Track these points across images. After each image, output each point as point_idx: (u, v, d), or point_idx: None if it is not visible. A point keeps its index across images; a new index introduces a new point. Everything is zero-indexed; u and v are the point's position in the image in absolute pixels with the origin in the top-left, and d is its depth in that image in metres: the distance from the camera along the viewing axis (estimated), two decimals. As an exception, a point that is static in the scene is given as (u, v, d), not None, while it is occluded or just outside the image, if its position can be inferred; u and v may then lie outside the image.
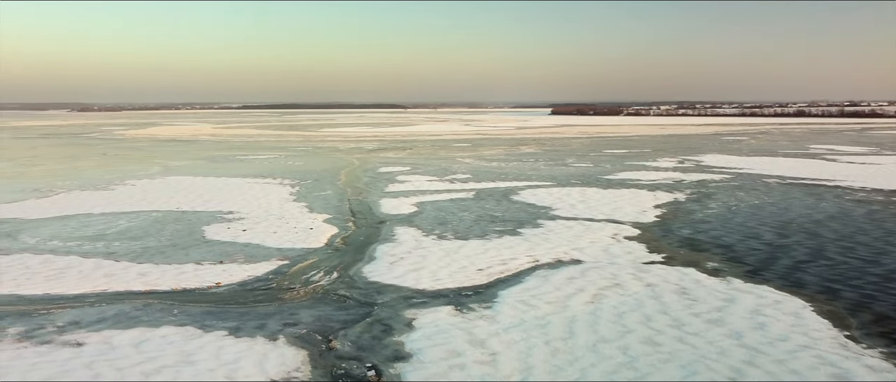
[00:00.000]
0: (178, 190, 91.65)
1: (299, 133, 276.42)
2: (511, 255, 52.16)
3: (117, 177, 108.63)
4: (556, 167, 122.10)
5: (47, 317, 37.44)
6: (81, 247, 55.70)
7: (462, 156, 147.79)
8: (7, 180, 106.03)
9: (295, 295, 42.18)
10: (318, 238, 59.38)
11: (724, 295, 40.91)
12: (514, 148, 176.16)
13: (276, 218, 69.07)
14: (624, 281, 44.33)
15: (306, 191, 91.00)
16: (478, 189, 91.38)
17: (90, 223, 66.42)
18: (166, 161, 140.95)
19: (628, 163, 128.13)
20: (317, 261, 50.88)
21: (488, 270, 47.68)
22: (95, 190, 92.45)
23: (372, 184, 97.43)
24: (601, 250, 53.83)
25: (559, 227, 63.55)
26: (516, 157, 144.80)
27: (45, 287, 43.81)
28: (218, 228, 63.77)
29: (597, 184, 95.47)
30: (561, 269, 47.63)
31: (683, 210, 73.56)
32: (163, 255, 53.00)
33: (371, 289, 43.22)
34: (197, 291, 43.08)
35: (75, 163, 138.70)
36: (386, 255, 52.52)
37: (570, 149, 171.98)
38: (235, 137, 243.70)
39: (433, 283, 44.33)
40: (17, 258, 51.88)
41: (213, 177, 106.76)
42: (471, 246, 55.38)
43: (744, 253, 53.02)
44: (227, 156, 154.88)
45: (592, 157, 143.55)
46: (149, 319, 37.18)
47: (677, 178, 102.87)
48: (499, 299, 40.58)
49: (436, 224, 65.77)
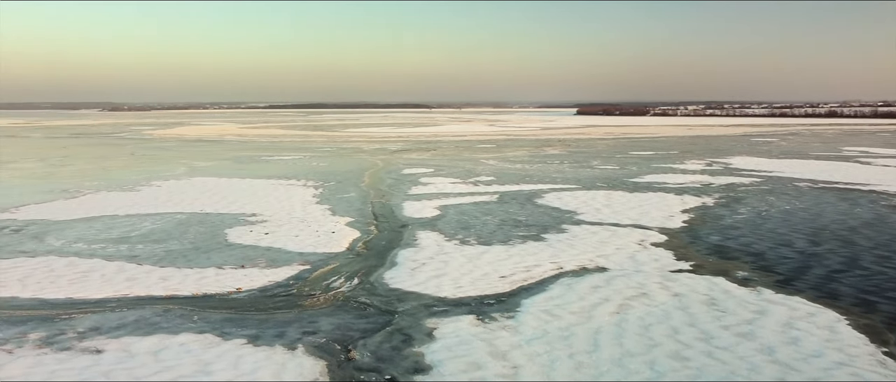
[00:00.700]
0: (203, 191, 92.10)
1: (324, 133, 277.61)
2: (535, 262, 51.27)
3: (144, 177, 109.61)
4: (582, 169, 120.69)
5: (69, 322, 37.43)
6: (105, 250, 55.96)
7: (486, 158, 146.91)
8: (37, 180, 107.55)
9: (315, 301, 41.76)
10: (339, 242, 59.02)
11: (754, 307, 39.62)
12: (538, 149, 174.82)
13: (298, 221, 68.89)
14: (650, 290, 43.21)
15: (330, 193, 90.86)
16: (501, 192, 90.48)
17: (115, 225, 66.82)
18: (192, 161, 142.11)
19: (655, 166, 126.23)
20: (338, 267, 50.47)
21: (511, 277, 46.85)
22: (122, 190, 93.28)
23: (395, 187, 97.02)
24: (627, 257, 52.69)
25: (584, 233, 62.46)
26: (541, 159, 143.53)
27: (68, 291, 43.93)
28: (240, 231, 63.73)
29: (623, 188, 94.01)
30: (585, 277, 46.63)
31: (712, 215, 71.96)
32: (185, 259, 53.00)
33: (392, 297, 42.65)
34: (217, 297, 42.87)
35: (104, 163, 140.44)
36: (408, 261, 51.93)
37: (595, 150, 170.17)
38: (261, 138, 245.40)
39: (455, 291, 43.63)
40: (42, 260, 52.23)
41: (238, 179, 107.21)
42: (494, 252, 54.58)
43: (775, 261, 51.50)
44: (251, 156, 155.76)
45: (618, 159, 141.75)
46: (168, 326, 36.99)
47: (705, 182, 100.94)
48: (522, 308, 39.74)
49: (458, 228, 65.06)
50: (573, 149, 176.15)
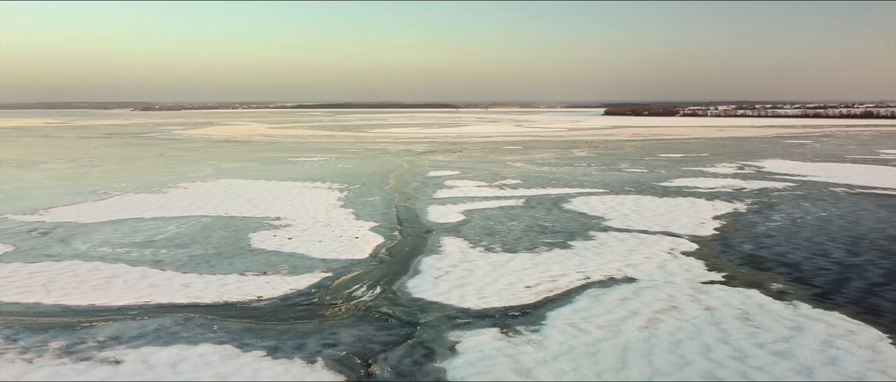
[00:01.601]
0: (229, 193, 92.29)
1: (351, 134, 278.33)
2: (561, 271, 50.06)
3: (171, 179, 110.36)
4: (609, 172, 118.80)
5: (89, 331, 37.22)
6: (130, 254, 55.99)
7: (512, 160, 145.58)
8: (68, 181, 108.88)
9: (336, 311, 41.09)
10: (363, 248, 58.38)
11: (791, 323, 38.00)
12: (565, 151, 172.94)
13: (322, 226, 68.45)
14: (681, 303, 41.78)
15: (354, 196, 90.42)
16: (528, 196, 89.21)
17: (140, 228, 67.00)
18: (219, 162, 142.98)
19: (685, 169, 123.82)
20: (360, 274, 49.79)
21: (536, 288, 45.72)
22: (149, 192, 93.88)
23: (420, 190, 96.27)
24: (656, 267, 51.21)
25: (612, 240, 61.04)
26: (568, 161, 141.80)
27: (91, 297, 43.84)
28: (264, 236, 63.44)
29: (652, 192, 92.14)
30: (613, 288, 45.32)
31: (744, 222, 69.96)
32: (208, 264, 52.76)
33: (414, 307, 41.81)
34: (238, 305, 42.42)
35: (133, 163, 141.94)
36: (431, 269, 51.07)
37: (623, 152, 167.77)
38: (288, 138, 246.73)
39: (479, 301, 42.65)
40: (67, 265, 52.38)
41: (264, 180, 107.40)
42: (519, 260, 53.46)
43: (811, 273, 49.63)
44: (278, 157, 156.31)
45: (647, 162, 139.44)
46: (188, 335, 36.58)
47: (737, 186, 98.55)
48: (547, 321, 38.62)
49: (483, 234, 64.04)
50: (601, 151, 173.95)
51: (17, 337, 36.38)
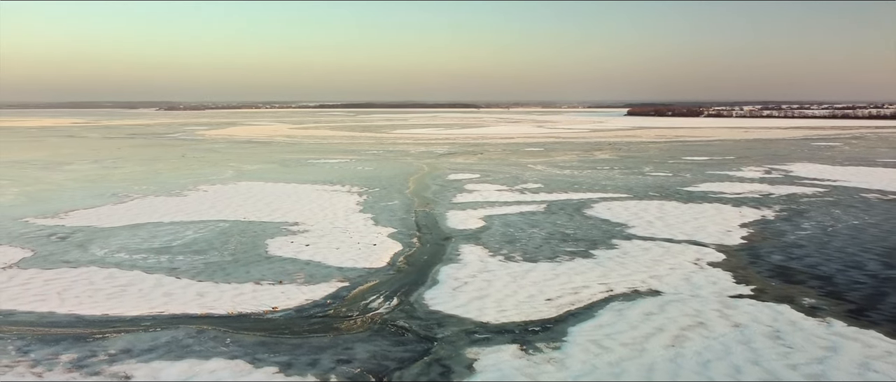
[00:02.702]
0: (248, 197, 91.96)
1: (371, 135, 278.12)
2: (583, 282, 48.64)
3: (191, 181, 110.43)
4: (633, 176, 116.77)
5: (101, 343, 36.61)
6: (146, 261, 55.56)
7: (533, 163, 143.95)
8: (90, 183, 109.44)
9: (351, 324, 40.10)
10: (380, 256, 57.42)
11: (825, 342, 36.28)
12: (587, 153, 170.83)
13: (340, 232, 67.64)
14: (708, 319, 40.19)
15: (373, 200, 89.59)
16: (549, 201, 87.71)
17: (158, 233, 66.68)
18: (240, 164, 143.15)
19: (710, 173, 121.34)
20: (377, 284, 48.80)
21: (558, 300, 44.37)
22: (169, 195, 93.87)
23: (440, 194, 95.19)
24: (682, 279, 49.58)
25: (635, 249, 59.43)
26: (590, 164, 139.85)
27: (105, 306, 43.33)
28: (281, 242, 62.75)
29: (676, 198, 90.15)
30: (637, 302, 43.83)
31: (773, 230, 67.90)
32: (223, 272, 52.12)
33: (431, 320, 40.70)
34: (252, 316, 41.63)
35: (154, 165, 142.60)
36: (449, 279, 49.93)
37: (647, 155, 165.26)
38: (309, 139, 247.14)
39: (498, 315, 41.42)
40: (83, 272, 52.04)
41: (283, 183, 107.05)
42: (540, 270, 52.12)
43: (845, 286, 47.68)
44: (298, 159, 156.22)
45: (671, 165, 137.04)
46: (200, 349, 35.82)
47: (764, 191, 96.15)
48: (568, 337, 37.29)
49: (503, 242, 62.77)
50: (624, 153, 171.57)
51: (29, 349, 35.89)
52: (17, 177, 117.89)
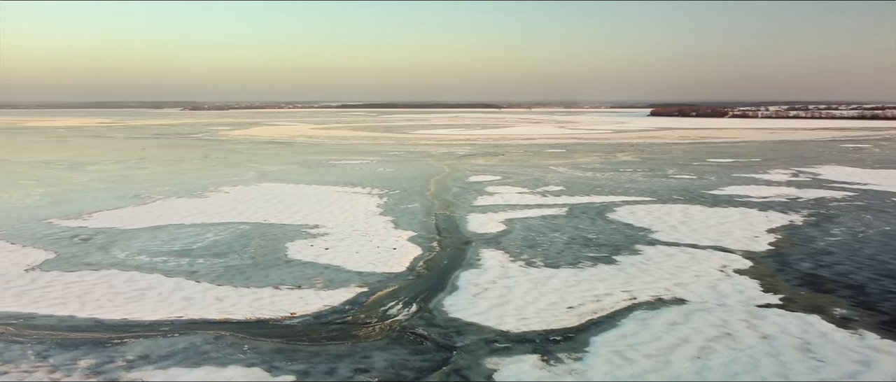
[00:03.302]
0: (269, 198, 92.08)
1: (393, 135, 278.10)
2: (605, 290, 47.72)
3: (213, 182, 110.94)
4: (656, 179, 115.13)
5: (119, 349, 36.51)
6: (166, 264, 55.62)
7: (555, 164, 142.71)
8: (114, 184, 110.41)
9: (370, 332, 39.63)
10: (400, 260, 56.93)
11: (857, 356, 35.06)
12: (610, 155, 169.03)
13: (360, 235, 67.29)
14: (735, 330, 39.10)
15: (393, 202, 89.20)
16: (571, 204, 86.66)
17: (179, 236, 66.83)
18: (262, 165, 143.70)
19: (735, 176, 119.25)
20: (396, 290, 48.29)
21: (580, 308, 43.53)
22: (191, 197, 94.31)
23: (460, 196, 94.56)
24: (707, 287, 48.43)
25: (659, 255, 58.30)
26: (612, 166, 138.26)
27: (124, 310, 43.34)
28: (301, 245, 62.54)
29: (701, 201, 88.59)
30: (662, 311, 42.83)
31: (801, 236, 66.30)
32: (243, 276, 51.96)
33: (451, 328, 40.08)
34: (270, 322, 41.35)
35: (177, 165, 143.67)
36: (469, 285, 49.28)
37: (670, 156, 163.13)
38: (331, 139, 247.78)
39: (518, 323, 40.69)
40: (104, 275, 52.19)
41: (304, 185, 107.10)
42: (561, 277, 51.27)
43: (878, 296, 46.23)
44: (319, 160, 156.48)
45: (695, 168, 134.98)
46: (217, 356, 35.56)
47: (792, 195, 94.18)
48: (590, 348, 36.47)
49: (524, 246, 61.97)
50: (647, 155, 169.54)
51: (48, 354, 35.90)
52: (43, 178, 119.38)
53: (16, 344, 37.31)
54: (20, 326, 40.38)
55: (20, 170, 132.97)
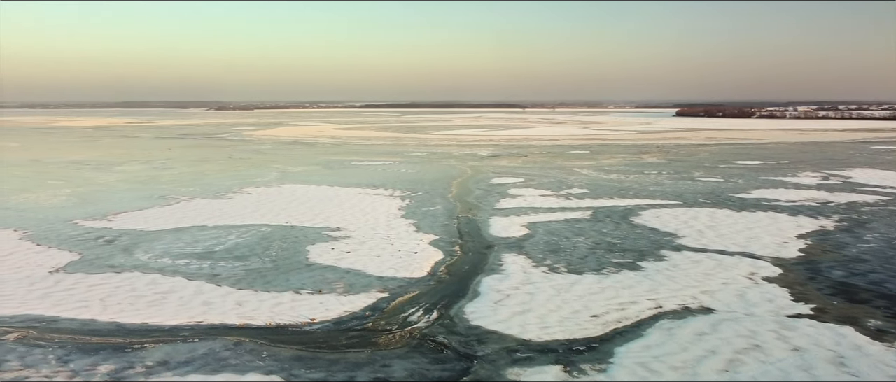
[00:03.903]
0: (291, 200, 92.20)
1: (416, 136, 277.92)
2: (630, 298, 46.75)
3: (237, 183, 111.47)
4: (682, 181, 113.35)
5: (139, 354, 36.46)
6: (188, 267, 55.70)
7: (579, 166, 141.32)
8: (139, 184, 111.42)
9: (390, 339, 39.15)
10: (421, 264, 56.43)
11: (894, 371, 33.79)
12: (635, 156, 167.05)
13: (381, 238, 66.94)
14: (765, 341, 37.96)
15: (415, 205, 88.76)
16: (595, 207, 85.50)
17: (201, 238, 67.00)
18: (285, 166, 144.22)
19: (763, 179, 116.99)
20: (417, 296, 47.79)
21: (604, 317, 42.65)
22: (214, 198, 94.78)
23: (483, 199, 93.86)
24: (735, 295, 47.23)
25: (685, 262, 57.09)
26: (637, 168, 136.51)
27: (145, 315, 43.37)
28: (322, 249, 62.33)
29: (728, 205, 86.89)
30: (688, 320, 41.79)
31: (833, 242, 64.60)
32: (263, 279, 51.83)
33: (472, 336, 39.46)
34: (290, 328, 41.07)
35: (202, 166, 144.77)
36: (491, 291, 48.61)
37: (696, 158, 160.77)
38: (354, 140, 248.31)
39: (541, 332, 39.94)
40: (127, 277, 52.39)
41: (326, 186, 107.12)
42: (585, 284, 50.38)
43: (914, 307, 44.66)
44: (342, 161, 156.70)
45: (722, 170, 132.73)
46: (237, 363, 35.33)
47: (822, 199, 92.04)
48: (615, 359, 35.62)
49: (547, 251, 61.11)
50: (672, 156, 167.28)
51: (69, 359, 35.95)
52: (70, 178, 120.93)
53: (38, 348, 37.44)
54: (42, 329, 40.57)
55: (49, 170, 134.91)
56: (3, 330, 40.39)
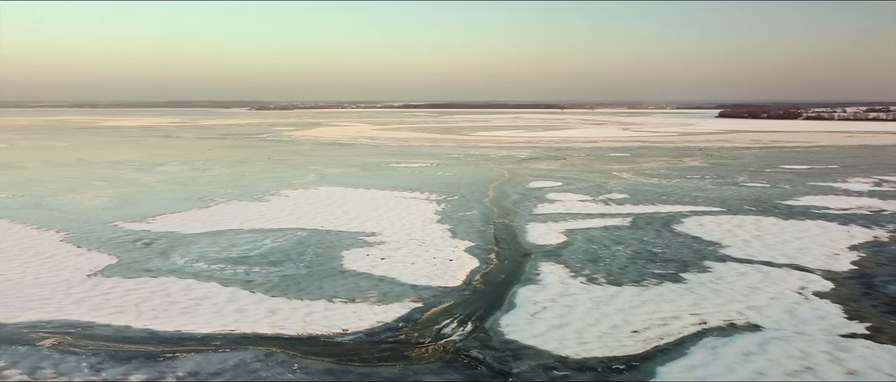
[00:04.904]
0: (328, 203, 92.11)
1: (453, 137, 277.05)
2: (672, 312, 45.00)
3: (274, 185, 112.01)
4: (725, 187, 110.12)
5: (170, 364, 36.21)
6: (223, 272, 55.64)
7: (618, 170, 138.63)
8: (179, 186, 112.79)
9: (422, 353, 38.23)
10: (456, 273, 55.40)
11: (959, 400, 31.57)
12: (676, 160, 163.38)
13: (416, 244, 66.13)
14: (817, 363, 35.96)
15: (451, 209, 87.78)
16: (635, 214, 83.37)
17: (237, 242, 67.07)
18: (323, 168, 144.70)
19: (811, 184, 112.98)
20: (451, 306, 46.78)
21: (645, 333, 41.04)
22: (251, 200, 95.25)
23: (520, 203, 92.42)
24: (784, 311, 45.09)
25: (730, 274, 54.92)
26: (679, 172, 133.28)
27: (178, 322, 43.24)
28: (357, 254, 61.77)
29: (774, 213, 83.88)
30: (734, 339, 39.92)
31: (888, 254, 61.62)
32: (297, 286, 51.42)
33: (507, 352, 38.29)
34: (322, 339, 40.45)
35: (241, 167, 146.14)
36: (527, 303, 47.32)
37: (741, 162, 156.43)
38: (391, 141, 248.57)
39: (579, 348, 38.55)
40: (162, 282, 52.50)
41: (363, 189, 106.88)
42: (625, 296, 48.73)
43: (979, 328, 41.98)
44: (379, 163, 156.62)
45: (768, 175, 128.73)
46: (267, 374, 34.81)
47: (876, 207, 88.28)
48: (656, 380, 34.04)
49: (586, 260, 59.51)
50: (715, 160, 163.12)
51: (102, 367, 35.89)
52: (113, 178, 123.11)
53: (72, 356, 37.50)
54: (77, 336, 40.70)
55: (93, 171, 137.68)
56: (39, 336, 40.65)
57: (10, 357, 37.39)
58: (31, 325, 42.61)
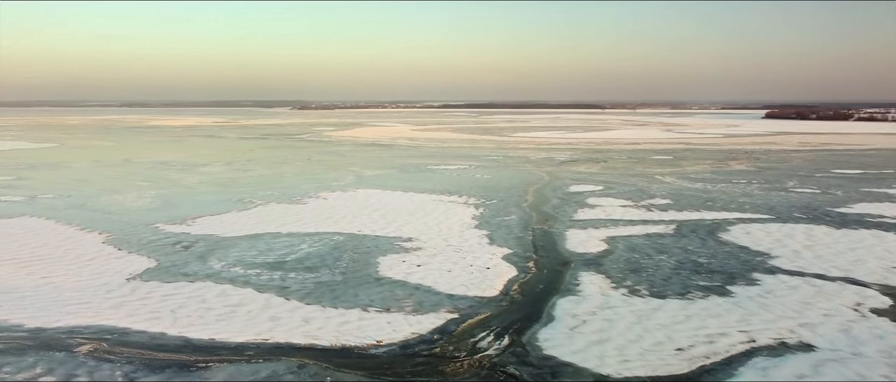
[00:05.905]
0: (365, 206, 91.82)
1: (492, 138, 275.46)
2: (719, 328, 43.11)
3: (313, 187, 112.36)
4: (773, 192, 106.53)
5: (203, 374, 35.95)
6: (259, 278, 55.51)
7: (661, 173, 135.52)
8: (220, 187, 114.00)
9: (457, 368, 37.20)
10: (493, 282, 54.25)
11: None
12: (721, 163, 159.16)
13: (453, 251, 65.17)
14: (877, 389, 33.84)
15: (490, 214, 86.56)
16: (678, 221, 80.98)
17: (274, 246, 67.04)
18: (361, 169, 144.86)
19: (865, 190, 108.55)
20: (488, 318, 45.66)
21: (690, 351, 39.30)
22: (290, 202, 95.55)
23: (560, 208, 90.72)
24: (839, 330, 42.81)
25: (780, 287, 52.59)
26: (724, 176, 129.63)
27: (213, 329, 43.04)
28: (393, 261, 61.09)
29: (826, 221, 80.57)
30: (786, 359, 37.93)
31: (950, 269, 58.32)
32: (332, 294, 50.92)
33: (545, 368, 37.01)
34: (355, 351, 39.74)
35: (281, 168, 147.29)
36: (566, 316, 45.91)
37: (789, 166, 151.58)
38: (430, 142, 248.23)
39: (620, 366, 37.06)
40: (198, 288, 52.57)
41: (401, 192, 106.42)
42: (668, 310, 46.95)
43: None
44: (417, 165, 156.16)
45: (818, 179, 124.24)
46: (299, 388, 34.18)
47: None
48: (703, 404, 32.39)
49: (627, 271, 57.74)
50: (763, 163, 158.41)
51: (135, 376, 35.80)
52: (156, 179, 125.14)
53: (106, 363, 37.50)
54: (113, 342, 40.76)
55: (137, 171, 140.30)
56: (76, 342, 40.85)
57: (48, 363, 37.59)
58: (69, 330, 42.89)
